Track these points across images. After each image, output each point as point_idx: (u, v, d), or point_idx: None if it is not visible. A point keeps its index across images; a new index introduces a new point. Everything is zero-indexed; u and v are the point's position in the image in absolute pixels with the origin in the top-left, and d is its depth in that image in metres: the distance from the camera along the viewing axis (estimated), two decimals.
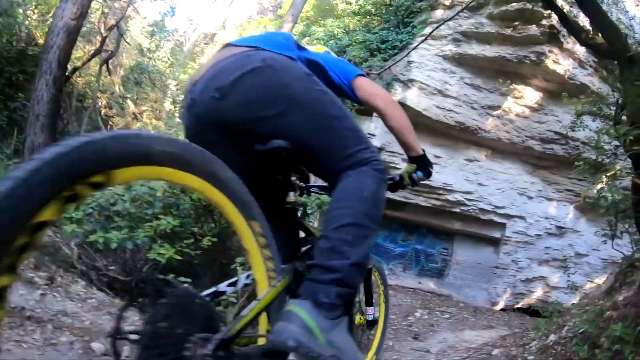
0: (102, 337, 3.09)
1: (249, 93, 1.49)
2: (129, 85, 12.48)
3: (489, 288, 12.94)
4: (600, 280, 12.56)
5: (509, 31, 10.85)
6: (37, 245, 0.74)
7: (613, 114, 5.12)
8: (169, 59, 14.18)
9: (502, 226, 12.92)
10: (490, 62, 11.36)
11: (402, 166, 12.09)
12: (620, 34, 3.99)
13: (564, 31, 10.73)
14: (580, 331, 2.79)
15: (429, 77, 11.41)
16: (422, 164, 2.06)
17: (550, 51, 10.86)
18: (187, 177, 1.04)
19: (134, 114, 11.28)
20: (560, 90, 11.26)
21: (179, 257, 4.65)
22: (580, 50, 11.29)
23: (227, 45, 1.71)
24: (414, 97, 11.35)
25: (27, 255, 0.72)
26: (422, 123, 11.78)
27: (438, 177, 12.23)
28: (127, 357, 1.14)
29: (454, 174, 12.47)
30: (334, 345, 1.26)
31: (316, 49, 2.01)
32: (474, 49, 11.31)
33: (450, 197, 12.56)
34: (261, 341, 1.26)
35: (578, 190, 12.58)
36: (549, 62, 10.97)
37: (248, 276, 1.37)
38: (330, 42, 13.49)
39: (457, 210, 12.87)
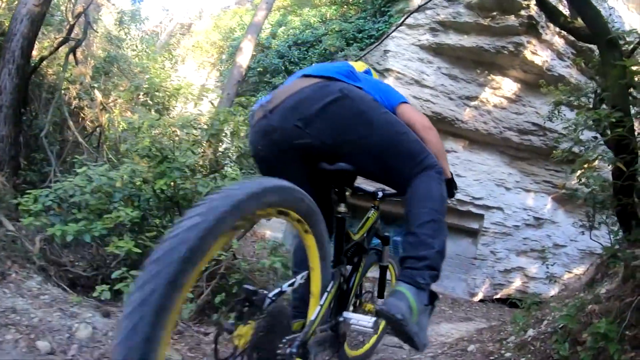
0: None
1: (333, 121, 1.79)
2: (98, 76, 12.06)
3: (468, 279, 12.91)
4: (578, 270, 12.67)
5: (487, 21, 10.73)
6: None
7: (592, 103, 5.00)
8: (136, 47, 13.76)
9: (480, 217, 12.89)
10: (468, 52, 11.24)
11: None
12: (601, 17, 3.85)
13: (542, 22, 10.69)
14: (560, 326, 2.63)
15: (405, 66, 11.25)
16: (450, 186, 2.20)
17: (528, 42, 10.78)
18: (292, 213, 1.38)
19: (102, 104, 10.85)
20: (538, 81, 11.25)
21: (138, 250, 4.42)
22: (559, 42, 11.28)
23: (303, 75, 1.96)
24: None
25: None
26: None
27: None
28: None
29: None
30: (420, 325, 1.65)
31: (357, 66, 2.28)
32: (452, 38, 11.18)
33: None
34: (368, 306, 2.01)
35: (556, 182, 12.63)
36: (527, 53, 10.89)
37: (302, 276, 1.58)
38: (307, 31, 13.30)
39: None
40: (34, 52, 11.03)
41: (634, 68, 3.18)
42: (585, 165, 4.38)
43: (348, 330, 2.01)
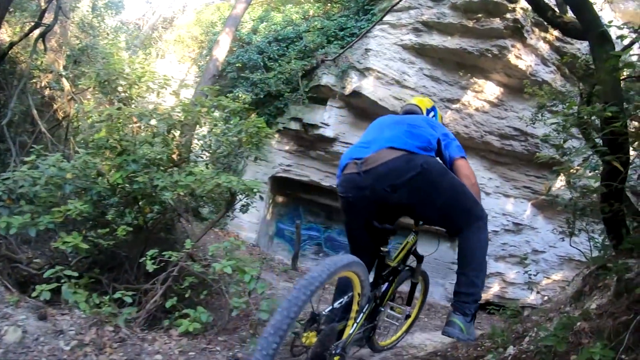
0: None
1: (414, 189, 2.46)
2: (70, 65, 11.59)
3: (446, 284, 12.76)
4: (557, 276, 12.62)
5: (471, 23, 10.49)
6: None
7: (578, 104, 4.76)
8: (107, 35, 13.27)
9: None
10: (451, 54, 11.00)
11: None
12: (592, 9, 3.57)
13: (528, 26, 10.53)
14: (545, 345, 2.33)
15: (386, 66, 10.98)
16: None
17: (513, 46, 10.58)
18: (352, 274, 2.26)
19: (71, 94, 10.37)
20: (521, 86, 11.09)
21: (85, 246, 4.08)
22: (544, 47, 11.13)
23: (390, 147, 2.53)
24: (370, 87, 10.91)
25: None
26: (377, 113, 11.28)
27: None
28: None
29: None
30: (469, 333, 2.46)
31: (418, 101, 3.31)
32: (435, 39, 10.92)
33: None
34: (398, 310, 3.15)
35: (536, 188, 12.54)
36: (511, 57, 10.68)
37: (349, 296, 2.40)
38: (288, 28, 12.99)
39: None
40: (5, 38, 10.57)
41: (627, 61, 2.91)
42: (571, 171, 4.17)
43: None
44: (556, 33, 11.11)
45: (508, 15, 10.26)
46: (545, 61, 11.26)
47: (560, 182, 12.56)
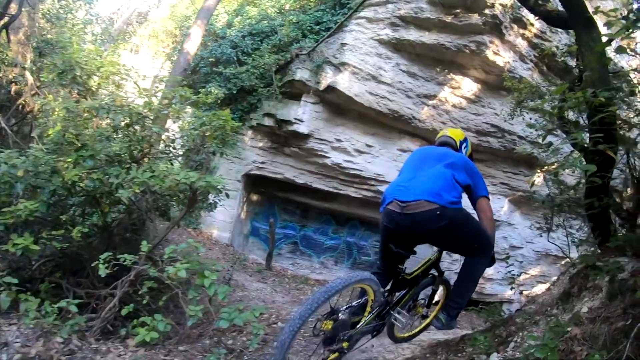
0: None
1: (441, 233, 3.07)
2: (36, 58, 11.06)
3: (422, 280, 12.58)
4: (534, 271, 12.65)
5: (449, 18, 10.34)
6: None
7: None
8: (72, 27, 12.74)
9: None
10: (429, 49, 10.83)
11: (330, 154, 11.51)
12: None
13: (506, 22, 10.43)
14: (534, 354, 2.10)
15: (362, 61, 10.74)
16: (492, 257, 3.41)
17: (491, 42, 10.46)
18: (365, 286, 3.07)
19: (34, 87, 9.90)
20: (498, 82, 11.01)
21: (37, 248, 3.78)
22: (522, 44, 11.07)
23: (426, 200, 2.98)
24: (345, 82, 10.65)
25: None
26: (353, 109, 11.21)
27: (369, 167, 11.81)
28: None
29: (387, 164, 11.99)
30: (449, 326, 3.38)
31: (452, 132, 3.86)
32: (412, 34, 10.73)
33: (382, 188, 12.01)
34: (419, 310, 3.81)
35: (513, 184, 12.52)
36: (489, 53, 10.57)
37: (365, 299, 3.19)
38: (263, 22, 12.68)
39: None
40: None
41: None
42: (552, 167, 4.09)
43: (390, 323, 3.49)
44: (535, 30, 11.06)
45: (487, 11, 10.13)
46: (524, 58, 11.20)
47: (537, 179, 12.57)
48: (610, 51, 4.06)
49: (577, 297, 2.62)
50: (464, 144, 3.88)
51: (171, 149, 5.39)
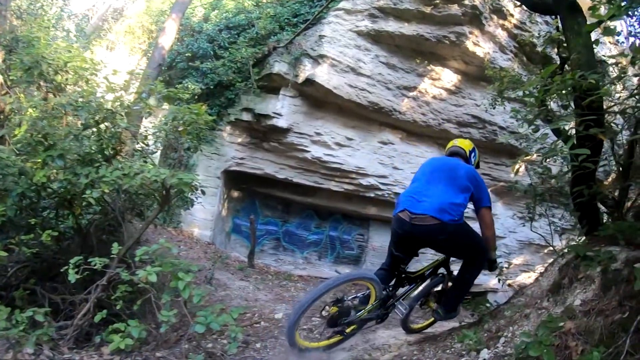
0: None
1: (443, 243, 3.65)
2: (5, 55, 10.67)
3: None
4: (517, 260, 12.70)
5: (429, 9, 10.25)
6: None
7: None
8: (44, 22, 12.34)
9: None
10: (408, 40, 10.73)
11: (310, 148, 11.34)
12: None
13: (486, 13, 10.39)
14: (527, 351, 1.98)
15: (341, 53, 10.59)
16: (491, 263, 3.89)
17: (471, 32, 10.41)
18: (366, 282, 3.66)
19: (4, 86, 9.53)
20: (479, 73, 10.96)
21: (3, 254, 3.55)
22: (502, 34, 11.05)
23: (432, 216, 3.47)
24: (324, 74, 10.49)
25: None
26: (332, 102, 11.07)
27: (350, 160, 11.72)
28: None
29: (367, 157, 11.92)
30: (450, 317, 3.96)
31: (461, 142, 4.25)
32: (391, 25, 10.62)
33: (363, 182, 12.01)
34: (431, 304, 4.14)
35: (495, 175, 12.54)
36: (469, 44, 10.53)
37: (368, 292, 3.70)
38: (240, 15, 12.43)
39: (372, 194, 12.41)
40: None
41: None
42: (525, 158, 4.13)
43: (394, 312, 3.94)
44: (514, 20, 11.04)
45: (466, 2, 10.07)
46: (503, 48, 11.19)
47: (520, 167, 12.58)
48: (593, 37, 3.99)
49: (568, 288, 2.52)
50: (473, 154, 4.26)
51: (145, 146, 5.17)
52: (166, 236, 10.10)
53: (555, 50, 6.09)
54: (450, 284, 4.13)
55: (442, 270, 4.19)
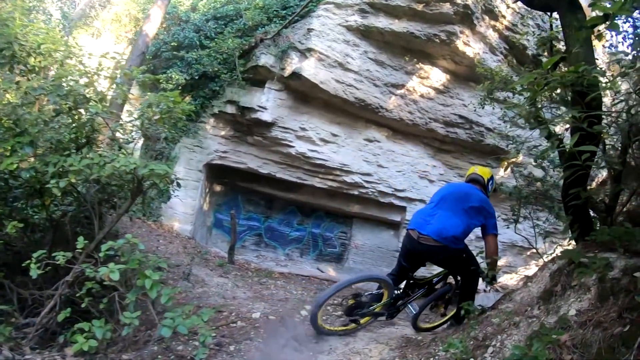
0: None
1: (444, 260, 4.38)
2: None
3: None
4: (500, 262, 12.64)
5: (420, 6, 10.08)
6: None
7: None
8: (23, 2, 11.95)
9: (403, 209, 12.49)
10: (398, 37, 10.56)
11: (295, 143, 11.11)
12: None
13: (478, 13, 10.27)
14: None
15: (329, 47, 10.40)
16: (491, 279, 4.31)
17: (461, 32, 10.28)
18: (379, 282, 4.55)
19: None
20: (468, 73, 10.85)
21: None
22: (493, 35, 10.94)
23: (434, 239, 4.17)
24: (311, 68, 10.29)
25: None
26: (318, 97, 10.89)
27: (334, 156, 11.56)
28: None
29: (352, 154, 11.75)
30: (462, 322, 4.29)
31: (481, 170, 4.83)
32: (382, 22, 10.45)
33: (347, 179, 11.84)
34: (440, 308, 4.84)
35: None
36: (459, 43, 10.39)
37: (382, 291, 4.49)
38: (228, 5, 12.18)
39: (355, 192, 12.25)
40: None
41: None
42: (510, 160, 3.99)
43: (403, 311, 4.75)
44: (506, 22, 10.95)
45: (458, 1, 9.92)
46: (494, 50, 11.08)
47: (503, 171, 12.55)
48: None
49: (561, 296, 2.37)
50: (490, 182, 4.78)
51: (121, 135, 4.93)
52: (145, 230, 9.84)
53: (546, 53, 6.03)
54: (457, 291, 4.67)
55: (450, 279, 4.76)
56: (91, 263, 3.59)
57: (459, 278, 4.63)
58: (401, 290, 4.56)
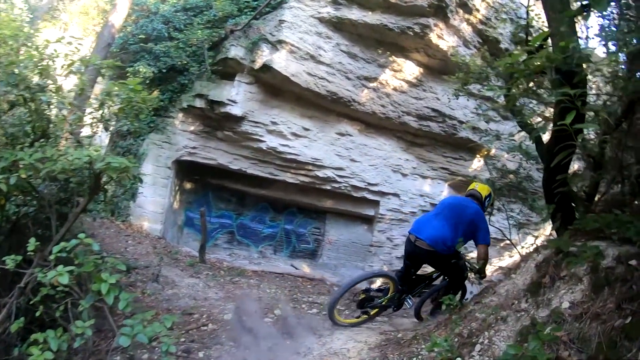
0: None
1: (439, 263, 4.98)
2: None
3: (365, 267, 12.53)
4: (474, 254, 12.72)
5: None
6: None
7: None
8: None
9: (376, 204, 12.47)
10: (371, 29, 10.44)
11: (266, 138, 10.84)
12: None
13: (452, 6, 10.21)
14: None
15: (301, 39, 10.19)
16: (481, 276, 4.82)
17: (435, 25, 10.20)
18: (386, 279, 5.37)
19: None
20: (441, 67, 10.81)
21: None
22: (467, 29, 10.92)
23: (428, 245, 4.73)
24: (282, 61, 10.07)
25: None
26: (289, 90, 10.70)
27: (306, 151, 11.39)
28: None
29: (324, 148, 11.61)
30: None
31: (480, 187, 5.30)
32: (355, 14, 10.30)
33: (320, 174, 11.70)
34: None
35: (453, 169, 12.50)
36: (433, 36, 10.32)
37: (389, 286, 5.25)
38: None
39: (328, 187, 12.12)
40: None
41: None
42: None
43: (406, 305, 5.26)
44: (480, 16, 10.93)
45: None
46: (467, 43, 11.06)
47: (477, 163, 12.58)
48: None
49: (550, 288, 2.24)
50: (488, 199, 5.25)
51: (78, 128, 4.62)
52: (114, 230, 9.50)
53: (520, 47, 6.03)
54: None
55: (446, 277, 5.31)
56: (47, 267, 3.32)
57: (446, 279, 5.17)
58: (405, 285, 5.10)
